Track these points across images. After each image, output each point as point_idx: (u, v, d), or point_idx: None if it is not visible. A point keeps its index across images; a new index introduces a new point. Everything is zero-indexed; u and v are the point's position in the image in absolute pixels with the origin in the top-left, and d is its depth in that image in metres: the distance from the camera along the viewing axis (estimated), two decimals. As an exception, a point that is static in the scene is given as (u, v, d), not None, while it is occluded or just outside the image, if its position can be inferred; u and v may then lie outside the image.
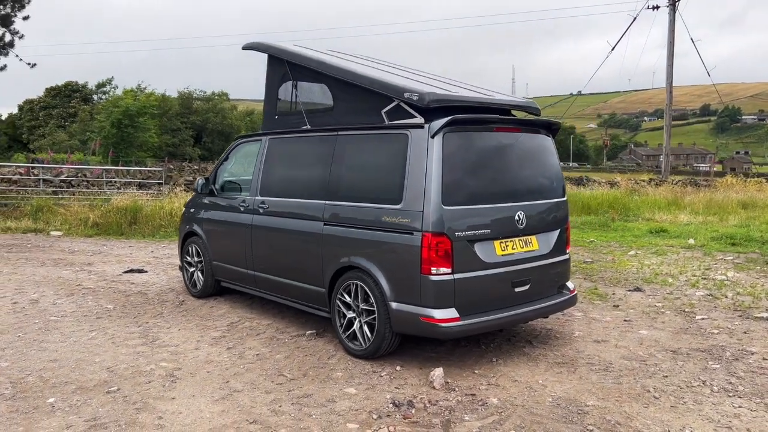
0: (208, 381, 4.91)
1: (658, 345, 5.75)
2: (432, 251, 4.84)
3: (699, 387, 4.69)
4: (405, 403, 4.46)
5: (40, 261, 10.36)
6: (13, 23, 23.94)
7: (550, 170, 5.83)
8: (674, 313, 6.86)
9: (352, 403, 4.50)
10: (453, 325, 4.87)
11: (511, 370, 5.11)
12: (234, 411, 4.35)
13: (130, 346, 5.82)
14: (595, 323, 6.50)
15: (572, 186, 21.72)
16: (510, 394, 4.62)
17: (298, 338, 6.03)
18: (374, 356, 5.31)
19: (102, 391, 4.70)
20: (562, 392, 4.62)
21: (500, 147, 5.39)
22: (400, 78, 5.62)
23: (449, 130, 4.99)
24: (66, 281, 8.72)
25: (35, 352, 5.61)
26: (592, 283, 8.46)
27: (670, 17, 25.82)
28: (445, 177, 4.91)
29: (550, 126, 5.88)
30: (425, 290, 4.89)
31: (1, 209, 14.49)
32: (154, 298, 7.74)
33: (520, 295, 5.34)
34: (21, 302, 7.48)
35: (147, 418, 4.22)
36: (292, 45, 6.94)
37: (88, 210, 13.94)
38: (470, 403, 4.46)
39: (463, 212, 4.99)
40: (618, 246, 11.85)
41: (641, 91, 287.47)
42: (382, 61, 7.01)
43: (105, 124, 23.16)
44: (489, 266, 5.11)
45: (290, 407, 4.42)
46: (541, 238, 5.58)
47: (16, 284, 8.50)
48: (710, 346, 5.70)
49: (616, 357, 5.42)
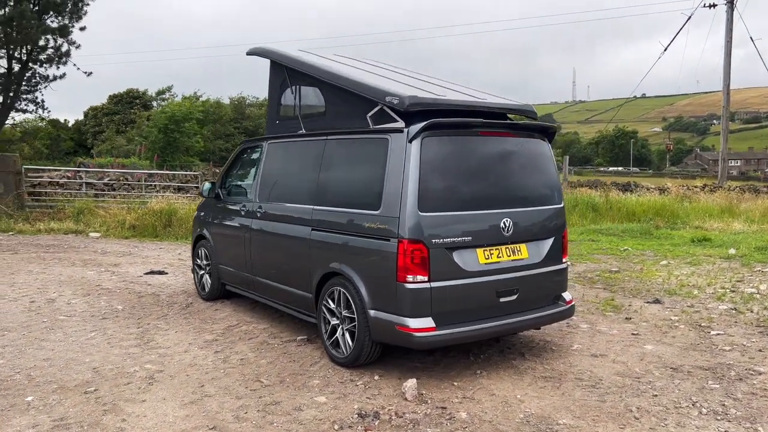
0: (185, 384, 4.93)
1: (659, 361, 5.42)
2: (407, 258, 4.72)
3: (687, 408, 4.38)
4: (371, 414, 4.35)
5: (70, 261, 10.74)
6: (71, 33, 25.12)
7: (544, 176, 5.60)
8: (688, 328, 6.48)
9: (319, 412, 4.41)
10: (428, 335, 4.72)
11: (493, 383, 4.91)
12: (198, 416, 4.34)
13: (124, 347, 5.92)
14: (600, 336, 6.20)
15: (618, 192, 20.98)
16: (482, 408, 4.43)
17: (288, 344, 6.00)
18: (355, 365, 5.22)
19: (80, 392, 4.78)
20: (538, 409, 4.41)
21: (486, 152, 5.20)
22: (386, 81, 5.52)
23: (428, 135, 4.85)
24: (87, 281, 9.00)
25: (33, 351, 5.77)
26: (611, 294, 8.10)
27: (728, 15, 24.63)
28: (422, 182, 4.77)
29: (545, 130, 5.65)
30: (401, 298, 4.77)
31: (47, 211, 15.16)
32: (164, 300, 7.88)
33: (506, 305, 5.14)
34: (38, 301, 7.75)
35: (111, 420, 4.26)
36: (295, 50, 6.95)
37: (126, 213, 14.39)
38: (438, 417, 4.30)
39: (441, 219, 4.84)
40: (652, 255, 11.34)
41: (710, 93, 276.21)
42: (386, 64, 6.91)
43: (152, 130, 23.94)
44: (470, 275, 4.94)
45: (255, 414, 4.38)
46: (531, 247, 5.36)
47: (40, 283, 8.83)
48: (716, 364, 5.33)
49: (609, 373, 5.14)
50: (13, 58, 24.93)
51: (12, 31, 23.01)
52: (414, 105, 4.94)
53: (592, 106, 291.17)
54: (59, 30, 24.52)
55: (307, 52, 6.97)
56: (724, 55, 24.86)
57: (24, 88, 26.68)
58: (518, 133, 5.46)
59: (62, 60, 25.10)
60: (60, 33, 24.42)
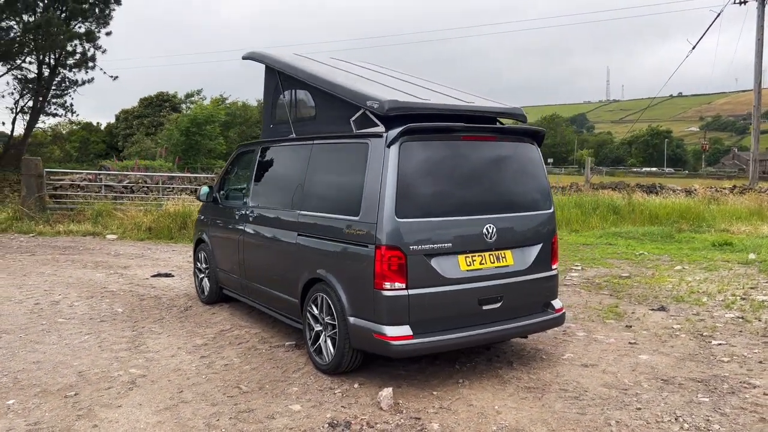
0: (164, 390, 4.94)
1: (651, 372, 5.24)
2: (384, 265, 4.64)
3: (669, 423, 4.21)
4: (342, 424, 4.29)
5: (83, 263, 10.93)
6: (97, 38, 25.67)
7: (532, 181, 5.46)
8: (689, 337, 6.26)
9: (291, 420, 4.37)
10: (405, 344, 4.64)
11: (473, 393, 4.80)
12: (170, 423, 4.34)
13: (114, 350, 5.97)
14: (595, 345, 6.03)
15: (642, 194, 20.50)
16: (456, 419, 4.33)
17: (276, 349, 5.98)
18: (336, 372, 5.16)
19: (61, 396, 4.82)
20: (513, 421, 4.29)
21: (469, 157, 5.09)
22: (370, 86, 5.45)
23: (407, 140, 4.77)
24: (94, 284, 9.13)
25: (25, 353, 5.86)
26: (616, 300, 7.89)
27: (759, 12, 23.90)
28: (400, 188, 4.69)
29: (534, 134, 5.51)
30: (378, 306, 4.70)
31: (68, 213, 15.47)
32: (165, 303, 7.94)
33: (489, 313, 5.02)
34: (42, 303, 7.89)
35: (83, 425, 4.28)
36: (290, 54, 6.93)
37: (143, 215, 14.59)
38: (410, 428, 4.22)
39: (419, 225, 4.75)
40: (668, 260, 11.04)
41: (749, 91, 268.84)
42: (383, 68, 6.83)
43: (174, 132, 24.31)
44: (450, 282, 4.84)
45: (227, 422, 4.35)
46: (517, 253, 5.23)
47: (48, 285, 8.99)
48: (711, 376, 5.13)
49: (596, 384, 4.99)
50: (42, 64, 25.60)
51: (40, 38, 23.61)
52: (394, 109, 4.86)
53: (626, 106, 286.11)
54: (86, 35, 25.08)
55: (302, 56, 6.94)
56: (755, 51, 24.14)
57: (54, 92, 27.34)
58: (504, 138, 5.34)
59: (89, 65, 25.65)
60: (87, 38, 24.98)
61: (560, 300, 5.64)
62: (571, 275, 9.61)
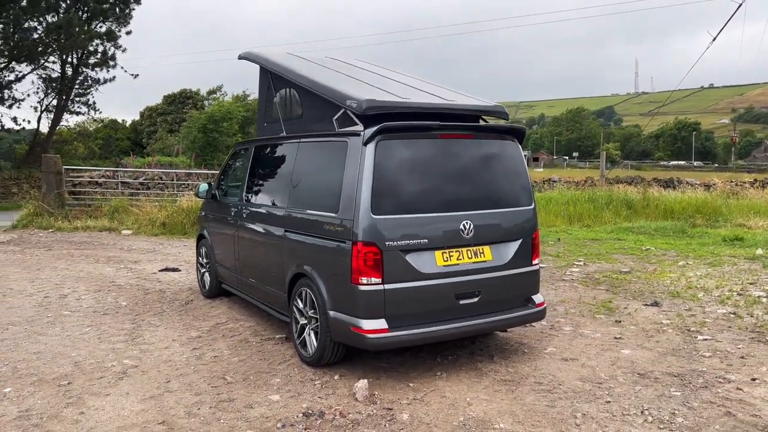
0: (152, 380, 5.14)
1: (630, 367, 5.30)
2: (360, 260, 4.78)
3: (634, 416, 4.28)
4: (316, 413, 4.44)
5: (95, 258, 11.26)
6: (118, 38, 26.19)
7: (512, 178, 5.54)
8: (676, 332, 6.28)
9: (268, 410, 4.54)
10: (380, 337, 4.77)
11: (449, 385, 4.92)
12: (153, 411, 4.53)
13: (112, 342, 6.21)
14: (579, 339, 6.10)
15: (658, 188, 20.31)
16: (427, 410, 4.46)
17: (267, 342, 6.16)
18: (319, 364, 5.32)
19: (55, 385, 5.06)
20: (481, 412, 4.40)
21: (447, 154, 5.19)
22: (352, 85, 5.58)
23: (383, 138, 4.89)
24: (103, 278, 9.43)
25: (28, 344, 6.13)
26: (612, 295, 7.92)
27: (782, 2, 23.36)
28: (376, 185, 4.82)
29: (514, 131, 5.58)
30: (354, 300, 4.84)
31: (86, 209, 15.90)
32: (167, 297, 8.18)
33: (466, 307, 5.13)
34: (51, 296, 8.19)
35: (70, 412, 4.50)
36: (283, 54, 7.09)
37: (158, 211, 14.93)
38: (380, 418, 4.35)
39: (395, 221, 4.87)
40: (674, 255, 10.98)
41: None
42: (376, 67, 6.93)
43: (191, 130, 24.75)
44: (427, 277, 4.95)
45: (207, 411, 4.54)
46: (495, 249, 5.32)
47: (60, 279, 9.31)
48: (689, 371, 5.17)
49: (572, 378, 5.06)
50: (66, 63, 26.22)
51: (62, 38, 24.19)
52: (371, 108, 4.99)
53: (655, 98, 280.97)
54: (106, 35, 25.62)
55: (295, 55, 7.10)
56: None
57: (77, 91, 27.97)
58: (482, 135, 5.42)
59: (110, 63, 26.20)
60: (107, 38, 25.51)
61: (542, 295, 5.71)
62: (571, 270, 9.63)
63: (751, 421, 4.17)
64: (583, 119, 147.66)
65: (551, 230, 14.88)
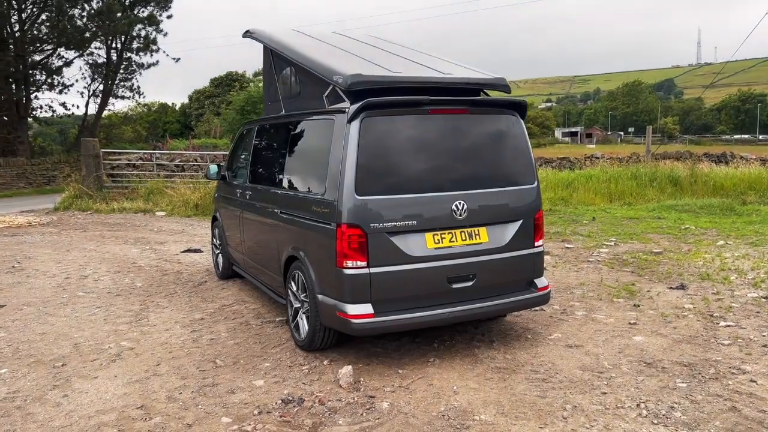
0: (144, 363, 5.13)
1: (638, 355, 4.97)
2: (345, 243, 4.60)
3: (628, 409, 3.98)
4: (296, 400, 4.32)
5: (124, 239, 11.47)
6: (159, 22, 26.53)
7: (512, 155, 5.23)
8: (697, 318, 5.88)
9: (249, 395, 4.44)
10: (365, 322, 4.59)
11: (439, 372, 4.71)
12: (135, 395, 4.50)
13: (117, 324, 6.25)
14: (590, 325, 5.77)
15: (709, 164, 19.28)
16: (409, 399, 4.27)
17: (267, 325, 6.08)
18: (311, 348, 5.20)
19: (49, 366, 5.10)
20: (465, 402, 4.18)
21: (438, 131, 4.92)
22: (341, 60, 5.35)
23: (368, 115, 4.66)
24: (126, 259, 9.57)
25: (36, 325, 6.23)
26: (636, 278, 7.50)
27: None
28: (360, 165, 4.61)
29: (514, 105, 5.25)
30: (340, 284, 4.67)
31: (123, 191, 16.25)
32: (183, 278, 8.22)
33: (460, 291, 4.88)
34: (72, 277, 8.35)
35: (54, 395, 4.52)
36: (283, 30, 6.91)
37: (191, 192, 15.12)
38: (360, 406, 4.19)
39: (381, 203, 4.65)
40: (715, 234, 10.38)
41: None
42: (377, 42, 6.67)
43: (230, 112, 24.90)
44: (416, 260, 4.73)
45: (188, 395, 4.47)
46: (493, 230, 5.04)
47: (85, 260, 9.50)
48: (702, 360, 4.80)
49: (572, 366, 4.77)
50: (111, 49, 26.78)
51: (105, 23, 24.69)
52: (357, 84, 4.76)
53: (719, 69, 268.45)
54: (147, 19, 26.01)
55: (298, 31, 6.91)
56: None
57: (122, 76, 28.60)
58: (477, 110, 5.11)
59: (152, 48, 26.61)
60: (148, 22, 25.90)
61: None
62: (599, 251, 9.21)
63: (758, 417, 3.81)
64: (640, 93, 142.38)
65: (588, 209, 14.35)
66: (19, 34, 25.36)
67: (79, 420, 4.12)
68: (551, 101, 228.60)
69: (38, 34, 25.86)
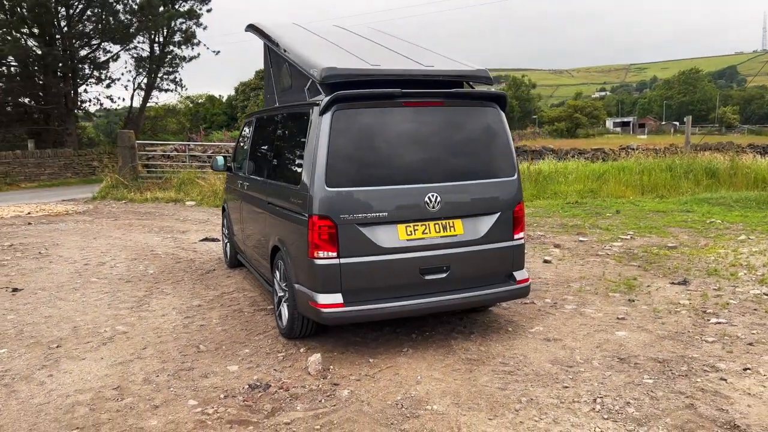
0: (132, 346, 5.35)
1: (615, 350, 4.90)
2: (316, 234, 4.69)
3: (583, 404, 3.94)
4: (262, 385, 4.45)
5: (149, 228, 11.88)
6: (199, 15, 27.13)
7: (491, 147, 5.20)
8: (689, 314, 5.73)
9: (220, 380, 4.60)
10: (335, 311, 4.68)
11: (408, 362, 4.76)
12: (115, 376, 4.72)
13: (118, 309, 6.52)
14: (576, 319, 5.71)
15: (754, 155, 18.51)
16: (371, 388, 4.34)
17: (258, 313, 6.23)
18: (291, 336, 5.32)
19: (44, 347, 5.38)
20: (424, 391, 4.22)
21: (413, 123, 4.94)
22: (323, 53, 5.42)
23: (340, 107, 4.73)
24: (146, 247, 9.93)
25: (45, 308, 6.56)
26: (641, 272, 7.34)
27: None
28: (331, 157, 4.68)
29: (493, 98, 5.22)
30: (312, 274, 4.77)
31: (157, 181, 16.79)
32: (194, 266, 8.48)
33: (433, 283, 4.91)
34: (91, 264, 8.73)
35: (40, 374, 4.78)
36: (280, 24, 7.02)
37: (220, 183, 15.48)
38: (320, 394, 4.29)
39: (351, 194, 4.71)
40: (740, 229, 10.02)
41: None
42: (372, 35, 6.70)
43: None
44: (387, 251, 4.78)
45: (164, 378, 4.66)
46: (468, 223, 5.04)
47: (107, 248, 9.90)
48: (677, 357, 4.70)
49: (543, 359, 4.75)
50: (154, 42, 27.57)
51: (146, 18, 25.45)
52: (330, 77, 4.83)
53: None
54: (187, 14, 26.64)
55: (298, 25, 7.00)
56: None
57: (165, 69, 29.41)
58: (453, 102, 5.10)
59: (192, 41, 27.25)
60: (188, 16, 26.53)
61: (527, 270, 5.38)
62: (612, 244, 9.03)
63: (713, 415, 3.73)
64: (698, 81, 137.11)
65: (617, 202, 14.02)
66: (66, 29, 26.47)
67: (57, 398, 4.36)
68: (605, 90, 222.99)
69: (84, 29, 26.88)
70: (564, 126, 77.96)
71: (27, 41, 26.53)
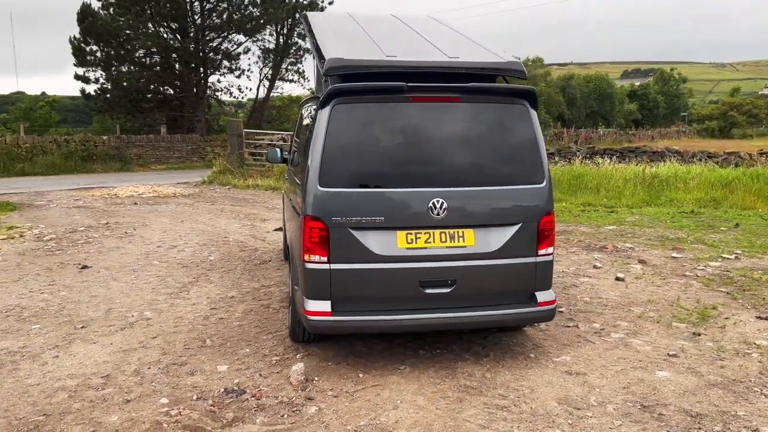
0: (144, 335, 5.39)
1: (644, 394, 4.15)
2: (307, 236, 4.41)
3: None
4: (237, 391, 4.26)
5: (236, 214, 12.23)
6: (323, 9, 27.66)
7: (515, 150, 4.59)
8: (762, 358, 4.76)
9: (202, 379, 4.48)
10: (321, 320, 4.37)
11: (398, 383, 4.34)
12: (110, 364, 4.75)
13: (160, 293, 6.66)
14: (616, 351, 4.95)
15: None
16: (341, 408, 3.99)
17: (283, 309, 6.07)
18: (294, 339, 5.10)
19: (72, 328, 5.58)
20: (394, 419, 3.80)
21: (422, 121, 4.47)
22: (341, 44, 5.09)
23: (339, 102, 4.39)
24: (221, 233, 10.19)
25: (96, 288, 6.86)
26: (726, 300, 6.29)
27: None
28: (327, 155, 4.37)
29: (521, 94, 4.60)
30: (303, 278, 4.50)
31: (261, 169, 17.34)
32: (254, 256, 8.55)
33: (434, 297, 4.45)
34: (163, 247, 9.09)
35: (48, 354, 4.93)
36: (325, 14, 6.79)
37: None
38: (288, 408, 4.01)
39: (345, 196, 4.37)
40: None
41: None
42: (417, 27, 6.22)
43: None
44: (383, 259, 4.38)
45: (153, 371, 4.62)
46: (481, 233, 4.50)
47: (186, 232, 10.29)
48: (719, 412, 3.87)
49: (549, 397, 4.12)
50: (280, 34, 28.63)
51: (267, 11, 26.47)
52: (334, 69, 4.51)
53: None
54: (309, 6, 27.33)
55: (349, 14, 6.72)
56: None
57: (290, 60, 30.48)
58: (474, 98, 4.55)
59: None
60: (309, 8, 27.20)
61: (553, 291, 4.73)
62: (709, 264, 7.88)
63: (719, 499, 2.97)
64: None
65: (741, 214, 12.35)
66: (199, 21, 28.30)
67: (48, 381, 4.45)
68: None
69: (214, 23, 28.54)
70: (716, 125, 71.04)
71: (166, 34, 28.69)
